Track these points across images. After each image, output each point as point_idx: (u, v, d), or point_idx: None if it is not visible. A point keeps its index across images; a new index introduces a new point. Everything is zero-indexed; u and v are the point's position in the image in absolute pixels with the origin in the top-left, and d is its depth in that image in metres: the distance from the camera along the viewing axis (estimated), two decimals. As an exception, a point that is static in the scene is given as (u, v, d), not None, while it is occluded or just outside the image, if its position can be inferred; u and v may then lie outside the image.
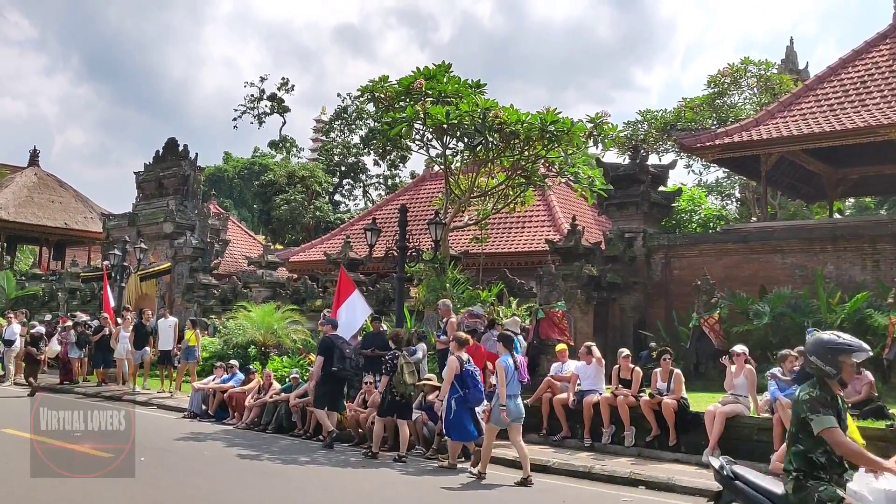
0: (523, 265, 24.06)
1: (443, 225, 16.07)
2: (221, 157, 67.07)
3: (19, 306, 30.02)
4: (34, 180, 40.66)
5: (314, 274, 26.61)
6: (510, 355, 10.30)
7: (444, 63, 16.17)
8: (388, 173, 52.49)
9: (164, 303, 27.94)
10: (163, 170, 31.23)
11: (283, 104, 55.69)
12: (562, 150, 15.16)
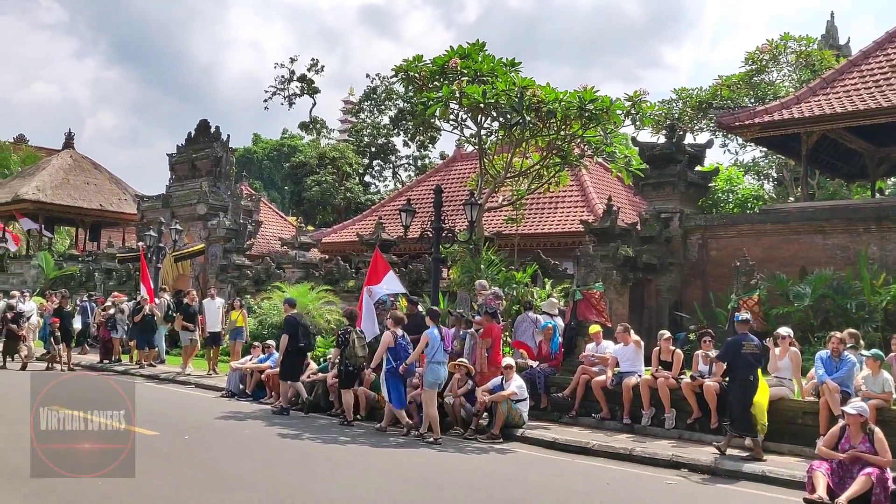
0: (557, 246, 23.92)
1: (478, 206, 15.96)
2: (250, 139, 67.45)
3: (58, 286, 30.43)
4: (70, 162, 41.06)
5: (347, 255, 26.66)
6: (437, 327, 11.87)
7: (478, 41, 15.99)
8: (417, 154, 52.38)
9: (198, 283, 28.17)
10: (195, 151, 31.37)
11: (312, 85, 55.70)
12: (600, 129, 14.95)
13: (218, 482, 8.28)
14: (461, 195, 26.42)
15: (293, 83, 55.63)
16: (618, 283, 17.44)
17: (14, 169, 46.71)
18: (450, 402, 12.20)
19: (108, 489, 7.64)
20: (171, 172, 32.41)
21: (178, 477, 8.50)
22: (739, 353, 10.05)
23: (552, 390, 13.29)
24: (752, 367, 10.01)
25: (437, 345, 11.56)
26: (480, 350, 12.71)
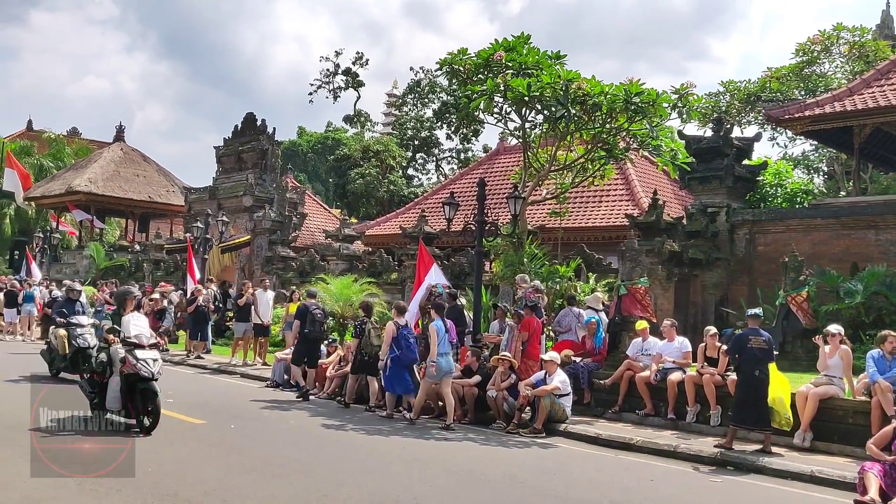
0: (601, 240, 23.73)
1: (521, 199, 15.91)
2: (295, 132, 68.01)
3: (108, 276, 31.10)
4: (120, 155, 41.92)
5: (390, 247, 26.78)
6: (441, 320, 12.32)
7: (523, 34, 15.91)
8: (460, 147, 52.36)
9: (243, 274, 28.56)
10: (241, 144, 31.80)
11: (357, 79, 55.99)
12: (646, 123, 14.78)
13: (264, 470, 8.39)
14: (504, 188, 26.34)
15: (338, 77, 56.03)
16: (663, 278, 17.24)
17: (68, 161, 47.76)
18: (492, 395, 12.23)
19: (157, 477, 7.80)
20: (217, 165, 32.89)
21: (225, 464, 8.63)
22: (745, 348, 10.06)
23: (595, 386, 13.25)
24: (758, 361, 10.00)
25: (441, 337, 12.07)
26: (516, 343, 12.76)
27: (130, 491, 7.23)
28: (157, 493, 7.21)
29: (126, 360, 9.81)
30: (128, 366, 9.78)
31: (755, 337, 10.10)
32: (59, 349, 14.70)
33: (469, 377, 12.70)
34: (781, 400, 10.13)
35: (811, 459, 9.54)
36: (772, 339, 10.35)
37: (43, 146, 50.32)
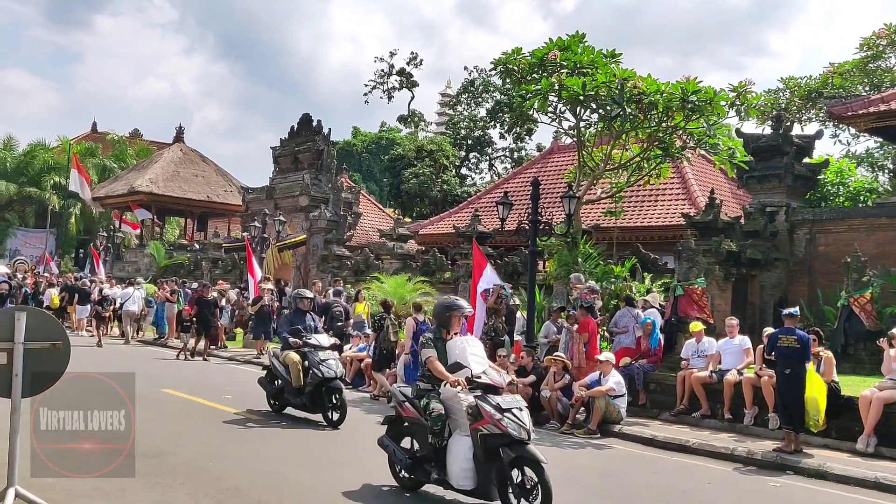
0: (656, 240, 23.49)
1: (576, 198, 15.86)
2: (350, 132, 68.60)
3: (168, 275, 31.86)
4: (180, 155, 42.88)
5: (443, 246, 26.88)
6: None
7: (577, 33, 15.84)
8: (514, 146, 52.26)
9: (299, 273, 28.98)
10: (298, 145, 32.26)
11: (411, 79, 56.30)
12: (703, 121, 14.61)
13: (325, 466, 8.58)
14: (558, 187, 26.23)
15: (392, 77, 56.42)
16: (720, 278, 16.98)
17: (130, 162, 49.02)
18: (546, 396, 12.24)
19: (219, 472, 8.00)
20: (274, 165, 33.41)
21: (287, 460, 8.81)
22: (776, 346, 10.12)
23: (651, 387, 13.16)
24: (787, 360, 9.98)
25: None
26: (578, 345, 12.75)
27: (193, 485, 7.44)
28: (219, 487, 7.40)
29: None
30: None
31: (786, 336, 10.10)
32: (290, 379, 11.45)
33: (523, 377, 12.72)
34: (815, 400, 9.95)
35: (875, 465, 9.34)
36: (808, 339, 10.21)
37: (107, 147, 51.72)
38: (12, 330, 5.95)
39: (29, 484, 6.30)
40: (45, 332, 6.12)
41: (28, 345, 6.00)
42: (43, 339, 6.09)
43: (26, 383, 6.01)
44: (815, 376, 10.18)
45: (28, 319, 6.02)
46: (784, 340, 10.04)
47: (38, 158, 49.01)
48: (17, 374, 5.95)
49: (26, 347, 5.99)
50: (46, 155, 49.40)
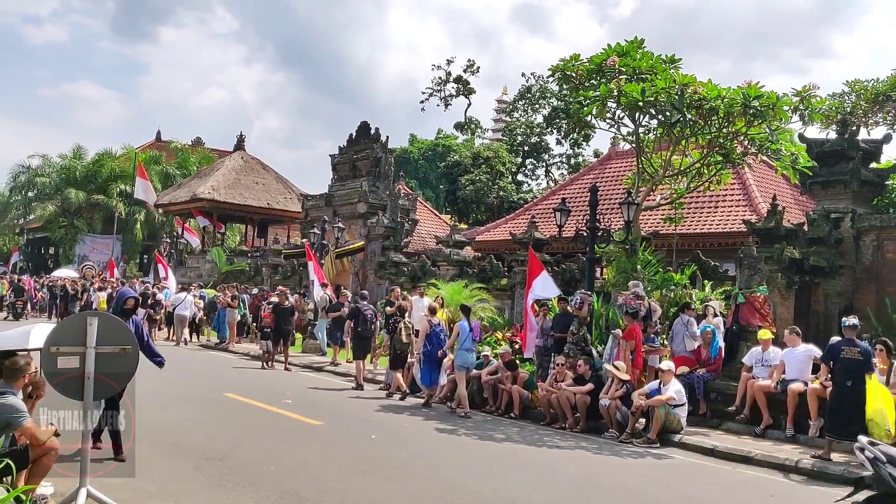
0: (716, 246, 23.14)
1: (635, 205, 15.71)
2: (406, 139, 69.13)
3: (229, 280, 32.47)
4: (241, 163, 43.70)
5: (500, 253, 26.87)
6: (467, 320, 13.99)
7: (636, 38, 15.70)
8: (570, 152, 52.00)
9: (357, 279, 29.25)
10: (356, 152, 32.60)
11: (468, 86, 56.47)
12: (766, 126, 14.34)
13: (380, 472, 8.62)
14: (616, 194, 26.02)
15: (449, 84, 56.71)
16: (782, 286, 16.61)
17: (192, 170, 50.17)
18: (605, 404, 12.14)
19: (279, 476, 8.13)
20: (333, 173, 33.81)
21: (344, 465, 8.91)
22: (838, 358, 10.04)
23: (711, 396, 12.96)
24: (850, 372, 9.87)
25: (466, 335, 13.70)
26: (625, 352, 12.68)
27: (255, 488, 7.58)
28: (279, 491, 7.52)
29: None
30: None
31: (848, 347, 9.99)
32: None
33: (581, 385, 12.65)
34: (882, 412, 9.64)
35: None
36: (870, 351, 10.07)
37: (170, 155, 53.04)
38: (84, 335, 6.15)
39: (99, 484, 6.49)
40: (115, 337, 6.32)
41: (99, 349, 6.20)
42: (113, 343, 6.29)
43: (97, 386, 6.21)
44: (881, 387, 9.92)
45: (99, 325, 6.22)
46: (847, 352, 9.94)
47: (106, 167, 50.51)
48: (88, 378, 6.15)
49: (97, 351, 6.19)
50: (113, 163, 50.87)
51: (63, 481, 6.68)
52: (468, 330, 13.84)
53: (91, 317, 6.26)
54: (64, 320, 6.71)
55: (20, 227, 56.67)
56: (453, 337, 14.03)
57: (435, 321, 14.52)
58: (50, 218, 49.32)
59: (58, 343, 6.12)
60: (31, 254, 56.71)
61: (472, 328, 14.06)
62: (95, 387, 6.19)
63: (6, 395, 6.10)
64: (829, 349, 10.42)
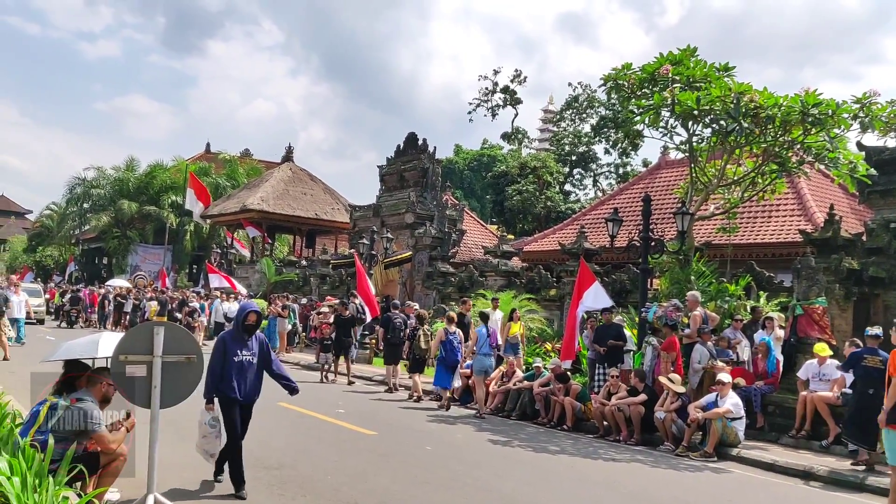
0: (769, 257, 22.74)
1: (689, 215, 15.52)
2: (449, 149, 69.33)
3: (278, 290, 32.81)
4: (289, 174, 44.20)
5: (548, 263, 26.74)
6: (485, 327, 14.81)
7: (689, 47, 15.55)
8: (618, 161, 51.69)
9: (405, 289, 29.33)
10: (403, 163, 32.74)
11: (515, 96, 56.52)
12: (825, 135, 14.07)
13: (436, 483, 8.61)
14: (667, 203, 25.76)
15: (496, 94, 56.83)
16: (840, 297, 16.26)
17: (241, 181, 50.86)
18: (660, 417, 11.99)
19: (336, 485, 8.16)
20: (380, 183, 33.99)
21: (399, 475, 8.92)
22: (860, 366, 10.20)
23: (769, 409, 12.72)
24: (871, 380, 9.95)
25: (483, 340, 14.58)
26: (666, 364, 12.58)
27: (313, 497, 7.63)
28: (338, 500, 7.57)
29: None
30: None
31: (871, 356, 10.18)
32: None
33: (635, 396, 12.51)
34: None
35: None
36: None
37: (219, 167, 53.84)
38: (152, 344, 6.26)
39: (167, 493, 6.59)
40: (180, 346, 6.42)
41: (166, 358, 6.30)
42: (179, 352, 6.40)
43: (164, 394, 6.31)
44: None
45: (165, 334, 6.32)
46: (869, 360, 10.14)
47: (158, 178, 51.47)
48: (155, 386, 6.26)
49: (164, 360, 6.30)
50: (164, 175, 51.81)
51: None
52: (486, 336, 14.66)
53: (157, 326, 6.36)
54: (131, 330, 6.83)
55: (76, 237, 57.98)
56: (472, 342, 14.97)
57: (452, 330, 15.39)
58: (104, 228, 50.38)
59: (126, 352, 6.23)
60: (86, 264, 57.99)
61: (489, 334, 14.79)
62: (162, 394, 6.29)
63: (84, 401, 6.25)
64: (851, 357, 10.58)
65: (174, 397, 6.42)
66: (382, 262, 27.82)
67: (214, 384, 7.61)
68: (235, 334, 7.86)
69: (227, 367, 7.64)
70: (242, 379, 7.71)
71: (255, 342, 7.88)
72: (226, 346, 7.72)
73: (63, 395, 6.41)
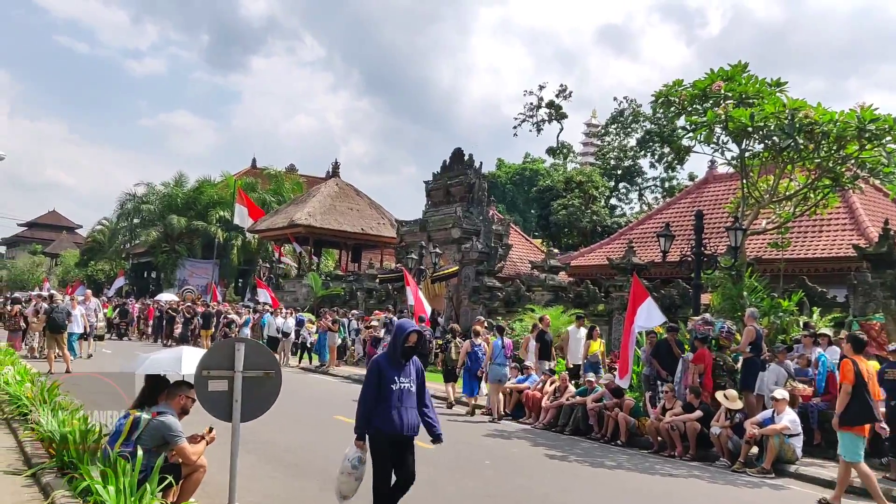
0: (821, 272, 22.51)
1: (743, 231, 15.51)
2: (492, 163, 69.61)
3: (324, 305, 33.24)
4: (336, 190, 44.81)
5: (596, 278, 26.74)
6: (501, 339, 16.10)
7: (739, 63, 15.59)
8: (664, 175, 51.49)
9: (451, 304, 29.53)
10: (450, 178, 33.05)
11: (560, 111, 56.66)
12: (881, 149, 14.00)
13: (503, 497, 8.75)
14: (715, 218, 25.65)
15: (541, 109, 57.02)
16: (897, 313, 16.11)
17: (287, 196, 51.58)
18: (716, 432, 11.98)
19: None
20: (427, 198, 34.32)
21: (467, 489, 9.07)
22: (884, 380, 10.46)
23: (826, 426, 12.60)
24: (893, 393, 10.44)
25: (498, 351, 15.80)
26: (693, 375, 12.69)
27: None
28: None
29: None
30: None
31: (892, 370, 10.61)
32: None
33: (690, 412, 12.52)
34: None
35: None
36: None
37: (265, 182, 54.67)
38: (233, 360, 6.52)
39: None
40: (260, 362, 6.67)
41: (246, 373, 6.56)
42: (258, 368, 6.64)
43: (244, 409, 6.56)
44: None
45: (246, 350, 6.58)
46: (890, 374, 10.55)
47: (205, 194, 52.40)
48: (236, 400, 6.51)
49: (244, 376, 6.55)
50: (212, 190, 52.74)
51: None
52: (500, 347, 15.89)
53: (239, 343, 6.62)
54: (214, 346, 7.10)
55: (126, 251, 59.22)
56: (488, 354, 16.15)
57: (478, 342, 16.53)
58: (153, 243, 51.42)
59: (209, 367, 6.49)
60: (135, 278, 59.18)
61: (504, 346, 16.01)
62: (242, 409, 6.54)
63: (166, 415, 6.54)
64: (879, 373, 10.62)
65: (254, 411, 6.66)
66: (430, 277, 28.07)
67: (368, 417, 6.64)
68: (392, 358, 6.79)
69: (385, 397, 6.63)
70: (403, 410, 6.66)
71: (412, 367, 6.84)
72: (381, 371, 6.70)
73: (145, 409, 6.71)
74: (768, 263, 20.43)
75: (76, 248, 78.27)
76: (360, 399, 6.70)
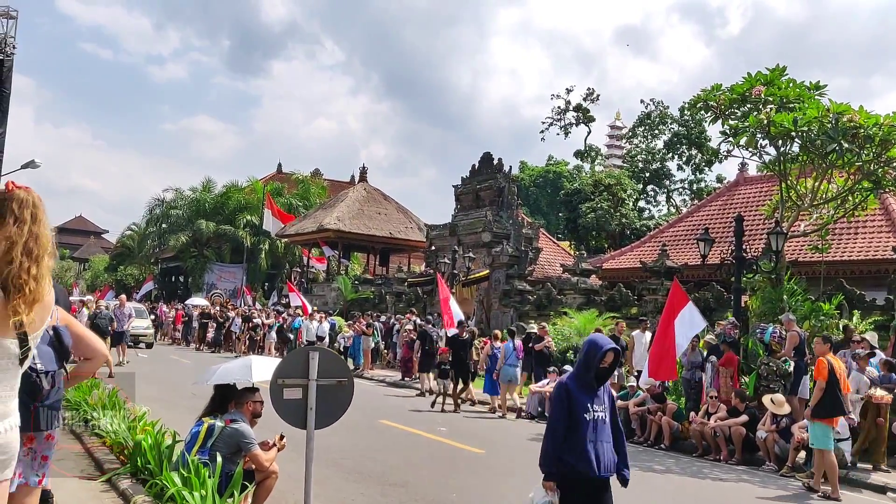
0: (857, 274, 22.43)
1: (783, 234, 15.50)
2: (515, 165, 69.61)
3: (353, 308, 33.44)
4: (364, 194, 45.08)
5: (629, 281, 26.74)
6: (512, 342, 17.25)
7: (778, 66, 15.57)
8: (692, 178, 51.31)
9: (482, 307, 29.63)
10: (479, 182, 33.16)
11: (588, 114, 56.70)
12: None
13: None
14: (748, 220, 25.54)
15: (569, 113, 57.16)
16: (941, 315, 16.04)
17: (313, 200, 51.89)
18: (762, 437, 12.01)
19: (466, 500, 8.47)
20: (456, 203, 34.45)
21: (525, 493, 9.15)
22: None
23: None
24: None
25: (509, 353, 16.95)
26: (725, 378, 12.90)
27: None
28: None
29: None
30: None
31: None
32: None
33: (735, 417, 12.55)
34: None
35: None
36: None
37: (292, 186, 55.02)
38: (307, 368, 6.67)
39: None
40: (332, 370, 6.81)
41: (320, 381, 6.70)
42: (331, 376, 6.78)
43: (318, 416, 6.71)
44: None
45: (320, 358, 6.73)
46: None
47: (233, 199, 52.79)
48: (311, 408, 6.65)
49: (318, 384, 6.70)
50: (239, 195, 53.12)
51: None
52: (512, 349, 17.02)
53: (313, 352, 6.77)
54: (288, 355, 7.27)
55: (155, 256, 59.79)
56: (501, 356, 16.97)
57: (497, 346, 17.48)
58: (182, 248, 51.86)
59: (284, 376, 6.64)
60: (164, 282, 59.73)
61: (515, 348, 17.12)
62: (316, 416, 6.69)
63: (238, 422, 6.71)
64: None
65: (327, 419, 6.80)
66: (461, 281, 28.19)
67: (558, 452, 5.22)
68: (583, 381, 5.35)
69: (577, 428, 5.21)
70: (599, 444, 5.23)
71: (604, 393, 5.40)
72: (571, 397, 5.29)
73: (218, 417, 6.89)
74: (806, 266, 20.37)
75: (103, 253, 79.13)
76: (548, 431, 5.35)
